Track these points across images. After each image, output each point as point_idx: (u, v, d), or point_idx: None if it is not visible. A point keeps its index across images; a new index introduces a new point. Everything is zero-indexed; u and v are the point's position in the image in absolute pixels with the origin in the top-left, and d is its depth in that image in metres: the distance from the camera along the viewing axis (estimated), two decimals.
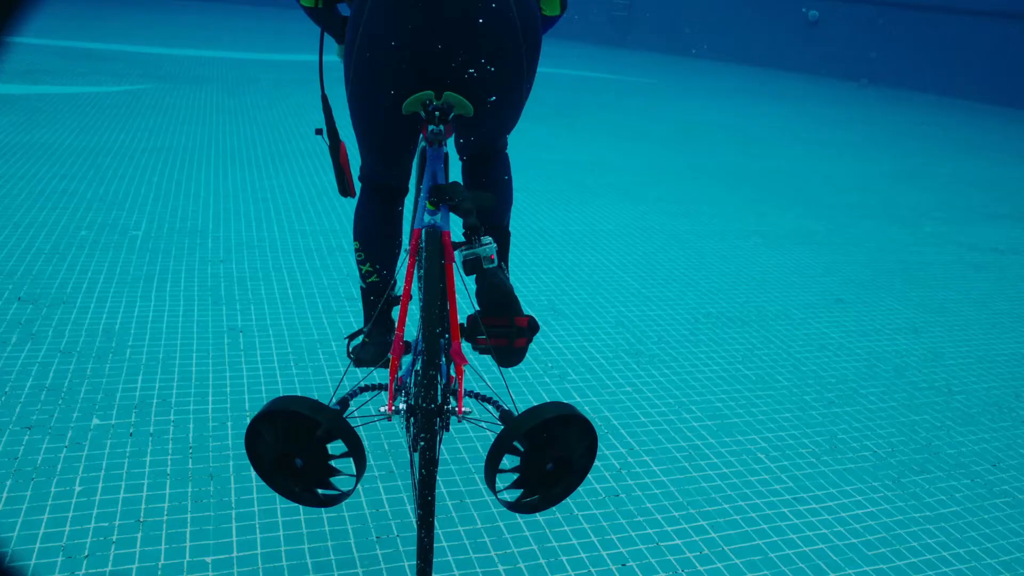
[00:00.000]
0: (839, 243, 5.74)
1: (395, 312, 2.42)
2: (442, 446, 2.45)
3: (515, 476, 1.81)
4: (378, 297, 2.35)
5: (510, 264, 3.25)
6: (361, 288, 2.39)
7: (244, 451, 2.50)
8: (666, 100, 13.39)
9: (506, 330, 2.23)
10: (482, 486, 2.52)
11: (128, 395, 2.82)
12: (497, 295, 2.18)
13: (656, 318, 4.04)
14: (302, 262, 4.25)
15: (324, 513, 2.30)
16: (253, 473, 2.44)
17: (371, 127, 2.17)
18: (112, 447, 2.52)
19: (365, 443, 1.91)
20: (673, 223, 5.80)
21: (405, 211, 2.51)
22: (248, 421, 2.68)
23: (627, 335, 3.80)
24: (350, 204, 5.26)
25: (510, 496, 1.86)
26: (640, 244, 5.21)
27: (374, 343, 2.32)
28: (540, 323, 3.75)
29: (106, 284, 3.74)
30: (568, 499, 2.47)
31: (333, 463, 1.77)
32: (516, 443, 1.74)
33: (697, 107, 12.89)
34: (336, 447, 1.73)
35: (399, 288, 2.47)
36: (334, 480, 1.79)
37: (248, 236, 4.57)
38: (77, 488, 2.31)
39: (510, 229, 2.51)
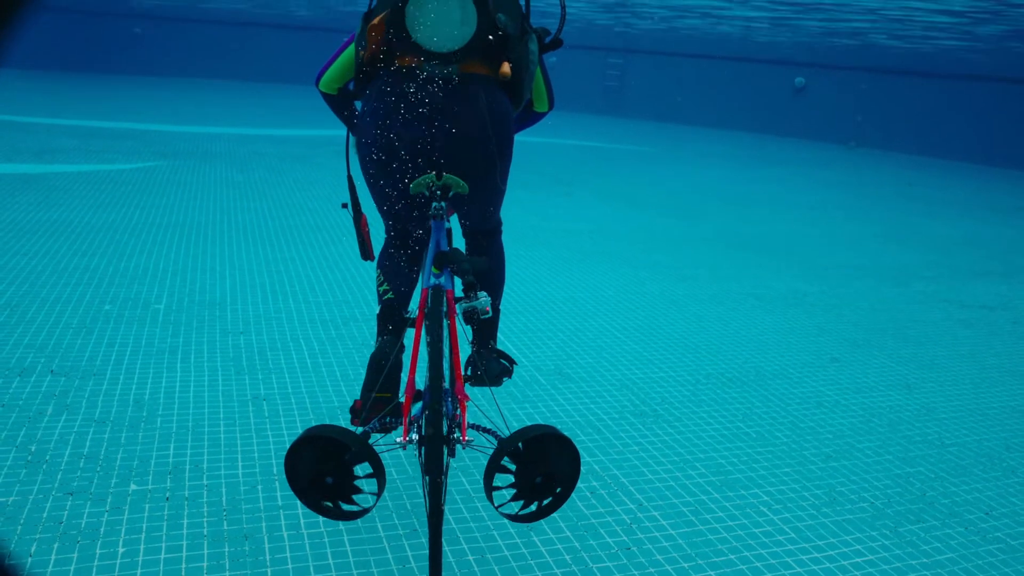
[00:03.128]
0: (832, 304, 5.94)
1: (404, 373, 2.58)
2: (450, 471, 2.69)
3: (514, 492, 2.10)
4: (392, 314, 2.57)
5: (515, 324, 3.47)
6: (377, 313, 2.61)
7: (277, 512, 2.67)
8: (660, 167, 13.78)
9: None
10: (502, 542, 2.66)
11: (162, 462, 2.98)
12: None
13: (659, 380, 4.21)
14: (318, 332, 4.44)
15: (355, 571, 2.44)
16: (285, 533, 2.59)
17: (385, 202, 2.59)
18: (151, 511, 2.66)
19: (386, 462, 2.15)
20: (672, 288, 6.01)
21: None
22: (277, 481, 2.85)
23: (632, 396, 3.96)
24: (361, 276, 5.50)
25: (509, 510, 2.13)
26: (641, 309, 5.41)
27: (387, 347, 2.47)
28: (548, 386, 3.95)
29: (133, 356, 3.92)
30: (583, 552, 2.63)
31: (358, 483, 2.04)
32: (507, 458, 2.03)
33: (690, 173, 13.27)
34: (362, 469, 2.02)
35: (408, 351, 2.65)
36: (359, 495, 2.06)
37: (265, 308, 4.77)
38: (120, 550, 2.45)
39: (500, 308, 2.86)
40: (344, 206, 2.73)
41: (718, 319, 5.33)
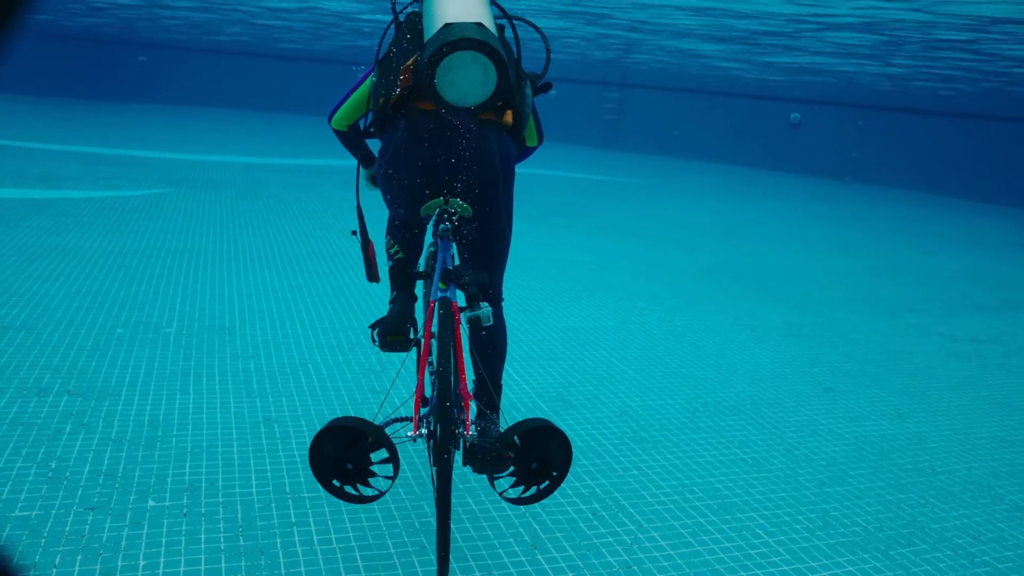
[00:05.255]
0: (827, 335, 6.07)
1: (419, 304, 3.05)
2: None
3: (514, 480, 2.39)
4: (403, 270, 2.95)
5: (517, 352, 3.60)
6: (389, 267, 2.99)
7: (291, 528, 2.77)
8: (658, 200, 13.98)
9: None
10: (507, 559, 2.76)
11: (178, 479, 3.08)
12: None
13: (657, 407, 4.33)
14: (326, 358, 4.55)
15: None
16: (299, 548, 2.69)
17: (400, 221, 2.92)
18: (169, 526, 2.76)
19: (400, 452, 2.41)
20: (670, 318, 6.14)
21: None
22: (290, 499, 2.96)
23: (631, 423, 4.07)
24: (368, 304, 5.62)
25: (511, 495, 2.44)
26: (640, 339, 5.54)
27: (399, 302, 2.88)
28: (550, 412, 4.06)
29: (147, 378, 4.03)
30: (586, 570, 2.74)
31: (374, 470, 2.34)
32: (506, 447, 2.32)
33: (688, 206, 13.47)
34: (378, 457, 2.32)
35: (420, 353, 2.95)
36: (375, 482, 2.36)
37: (273, 333, 4.88)
38: (141, 563, 2.55)
39: (502, 382, 3.03)
40: (353, 233, 3.02)
41: (715, 349, 5.45)
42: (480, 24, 2.39)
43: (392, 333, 2.81)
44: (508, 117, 2.69)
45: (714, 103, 24.46)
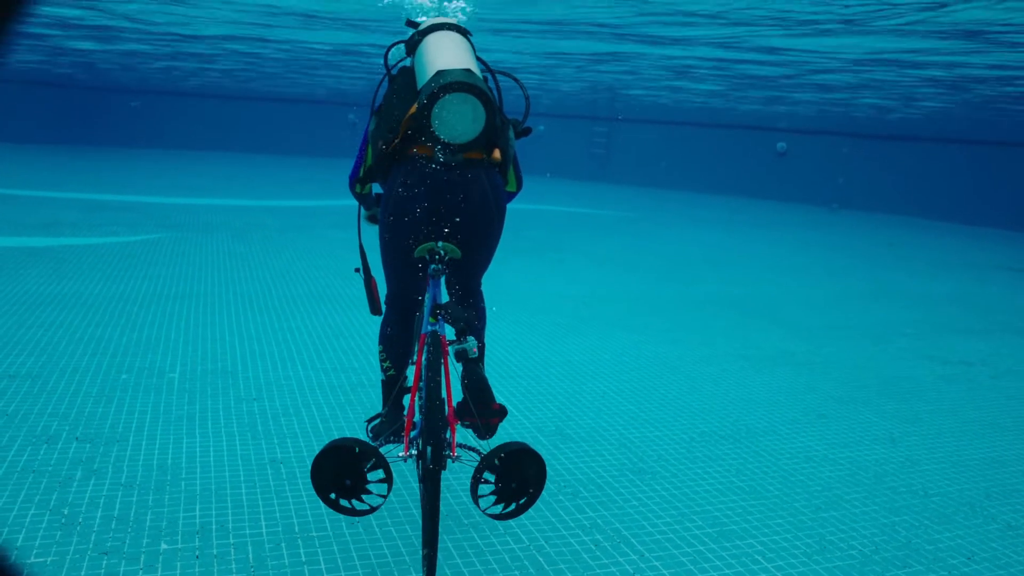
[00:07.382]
0: (819, 362, 6.18)
1: (406, 400, 3.28)
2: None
3: (495, 498, 2.58)
4: (393, 386, 3.20)
5: (515, 388, 3.69)
6: (382, 380, 3.24)
7: (301, 568, 2.84)
8: (649, 231, 14.15)
9: (485, 416, 2.95)
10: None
11: (189, 522, 3.15)
12: (476, 384, 2.91)
13: (655, 438, 4.41)
14: (328, 398, 4.63)
15: None
16: None
17: (395, 264, 3.06)
18: (182, 568, 2.83)
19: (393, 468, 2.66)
20: (665, 350, 6.24)
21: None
22: (300, 539, 3.03)
23: (630, 455, 4.16)
24: (366, 344, 5.71)
25: (492, 510, 2.61)
26: (636, 371, 5.63)
27: (387, 419, 3.14)
28: (549, 446, 4.14)
29: (153, 423, 4.10)
30: None
31: (369, 486, 2.56)
32: (488, 468, 2.52)
33: (679, 237, 13.64)
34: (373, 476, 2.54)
35: (410, 381, 3.26)
36: (372, 494, 2.57)
37: (275, 375, 4.96)
38: None
39: (485, 341, 3.30)
40: (356, 270, 3.26)
41: (710, 379, 5.55)
42: (468, 70, 2.66)
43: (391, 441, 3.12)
44: (496, 155, 2.91)
45: (701, 134, 24.82)
